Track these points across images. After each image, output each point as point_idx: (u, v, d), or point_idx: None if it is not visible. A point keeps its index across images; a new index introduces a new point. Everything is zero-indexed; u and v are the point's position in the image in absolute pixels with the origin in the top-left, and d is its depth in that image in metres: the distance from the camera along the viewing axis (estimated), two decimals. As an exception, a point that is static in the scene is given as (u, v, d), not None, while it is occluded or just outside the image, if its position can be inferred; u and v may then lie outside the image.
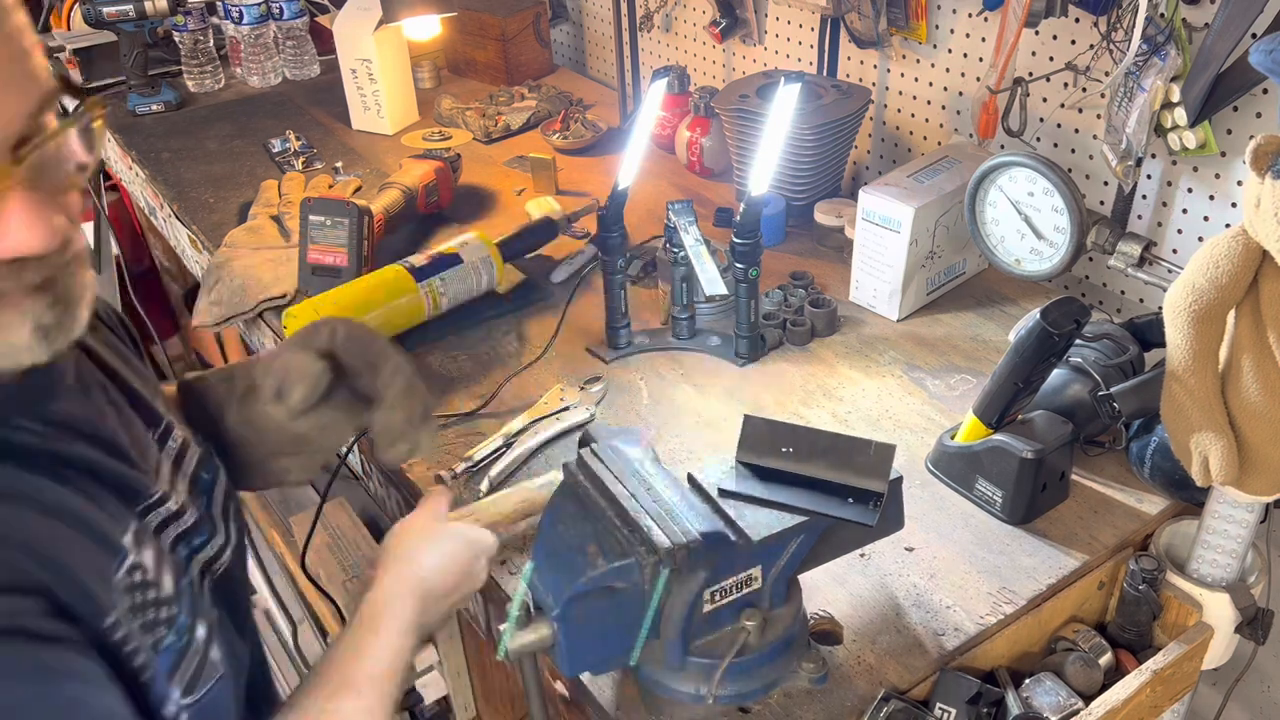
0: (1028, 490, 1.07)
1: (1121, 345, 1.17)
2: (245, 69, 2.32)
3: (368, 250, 1.50)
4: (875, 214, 1.38)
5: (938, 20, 1.57)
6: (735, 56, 1.99)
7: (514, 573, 1.07)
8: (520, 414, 1.26)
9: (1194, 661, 1.06)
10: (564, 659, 0.84)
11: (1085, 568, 1.06)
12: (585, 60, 2.42)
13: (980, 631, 0.99)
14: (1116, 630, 1.09)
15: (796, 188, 1.64)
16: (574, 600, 0.81)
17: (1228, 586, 1.05)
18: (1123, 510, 1.12)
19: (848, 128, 1.61)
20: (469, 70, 2.35)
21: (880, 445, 0.88)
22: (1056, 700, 0.99)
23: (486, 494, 1.16)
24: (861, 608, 1.01)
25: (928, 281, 1.44)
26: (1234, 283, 0.90)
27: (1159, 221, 1.39)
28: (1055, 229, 1.31)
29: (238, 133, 2.07)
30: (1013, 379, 1.05)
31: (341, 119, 2.12)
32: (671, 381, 1.34)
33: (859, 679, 0.95)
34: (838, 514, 0.85)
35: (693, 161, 1.85)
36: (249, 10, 2.23)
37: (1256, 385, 0.91)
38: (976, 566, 1.05)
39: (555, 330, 1.39)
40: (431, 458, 1.22)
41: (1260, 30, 1.14)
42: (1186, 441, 0.96)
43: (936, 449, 1.16)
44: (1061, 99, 1.41)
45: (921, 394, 1.30)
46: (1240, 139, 1.26)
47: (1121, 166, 1.30)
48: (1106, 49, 1.29)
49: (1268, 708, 1.54)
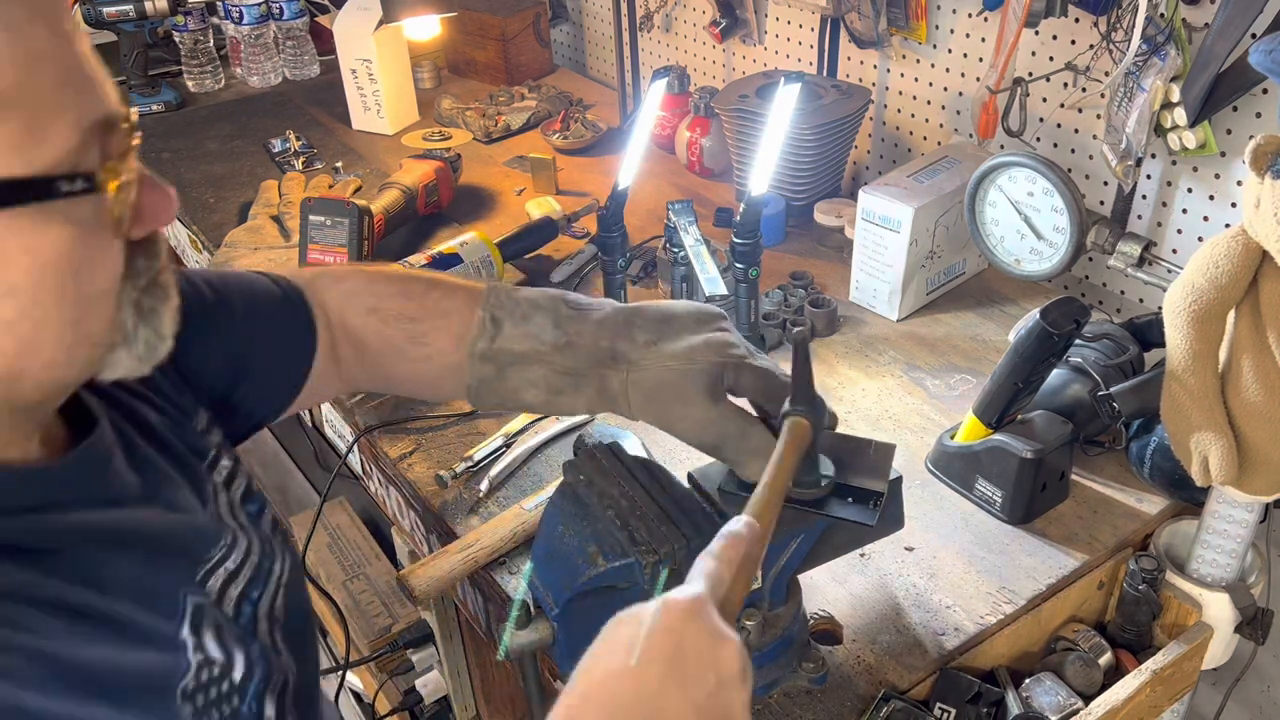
0: (1027, 490, 1.07)
1: (1121, 345, 1.17)
2: (245, 69, 2.32)
3: (368, 250, 1.50)
4: (875, 214, 1.38)
5: (938, 20, 1.57)
6: (735, 56, 1.99)
7: (514, 573, 1.07)
8: (520, 414, 1.26)
9: (1194, 661, 1.06)
10: (564, 659, 0.84)
11: (1085, 567, 1.06)
12: (585, 60, 2.42)
13: (980, 631, 0.99)
14: (1116, 630, 1.09)
15: (796, 188, 1.64)
16: (574, 600, 0.81)
17: (1227, 586, 1.05)
18: (1122, 510, 1.12)
19: (848, 128, 1.62)
20: (469, 70, 2.35)
21: (880, 445, 0.88)
22: (1056, 700, 0.99)
23: (486, 494, 1.16)
24: (861, 607, 1.01)
25: (927, 281, 1.44)
26: (1234, 283, 0.90)
27: (1159, 221, 1.39)
28: (1055, 229, 1.31)
29: (238, 133, 2.07)
30: (1012, 379, 1.05)
31: (342, 119, 2.12)
32: (671, 381, 1.33)
33: (859, 679, 0.95)
34: (838, 514, 0.85)
35: (693, 161, 1.85)
36: (249, 10, 2.23)
37: (1256, 385, 0.91)
38: (976, 566, 1.05)
39: (555, 330, 1.39)
40: (431, 458, 1.22)
41: (1260, 30, 1.13)
42: (1186, 441, 0.96)
43: (936, 449, 1.17)
44: (1061, 99, 1.41)
45: (921, 394, 1.30)
46: (1240, 139, 1.26)
47: (1121, 166, 1.30)
48: (1106, 49, 1.29)
49: (1268, 708, 1.54)
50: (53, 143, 0.52)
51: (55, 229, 0.53)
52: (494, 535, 1.08)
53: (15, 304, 0.53)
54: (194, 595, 0.66)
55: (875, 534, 0.94)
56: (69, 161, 0.53)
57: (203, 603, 0.67)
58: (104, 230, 0.56)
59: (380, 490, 1.34)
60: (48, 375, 0.57)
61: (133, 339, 0.61)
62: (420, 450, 1.24)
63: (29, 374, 0.56)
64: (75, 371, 0.60)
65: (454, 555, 1.05)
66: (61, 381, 0.60)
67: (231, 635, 0.68)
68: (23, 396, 0.58)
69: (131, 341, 0.61)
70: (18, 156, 0.50)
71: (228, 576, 0.71)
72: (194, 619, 0.65)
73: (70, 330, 0.56)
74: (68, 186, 0.52)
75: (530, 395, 0.85)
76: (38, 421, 0.62)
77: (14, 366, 0.55)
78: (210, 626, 0.66)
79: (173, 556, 0.67)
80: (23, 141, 0.51)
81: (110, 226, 0.56)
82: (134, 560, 0.63)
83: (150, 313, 0.61)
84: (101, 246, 0.56)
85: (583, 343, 0.83)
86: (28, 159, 0.51)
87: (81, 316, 0.56)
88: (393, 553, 1.72)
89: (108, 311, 0.59)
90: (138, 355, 0.61)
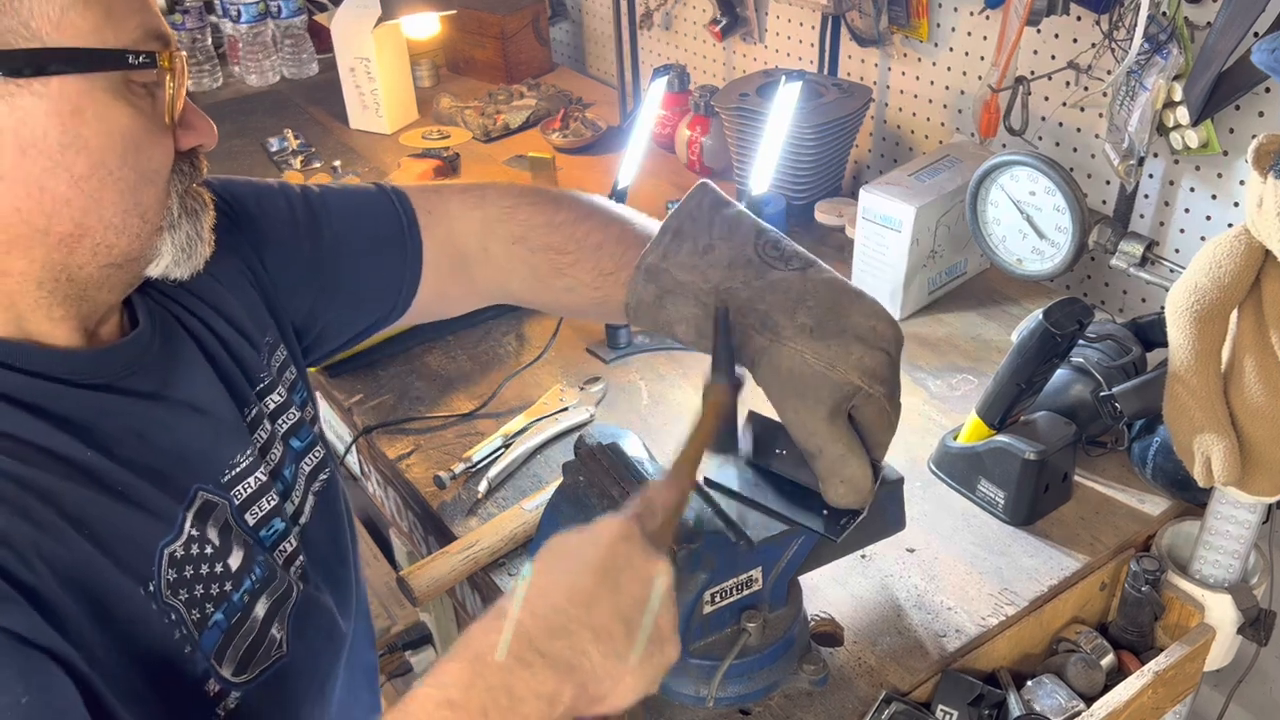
0: (1030, 491, 1.07)
1: (1124, 346, 1.16)
2: (243, 67, 2.32)
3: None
4: (876, 213, 1.38)
5: (939, 19, 1.57)
6: (735, 55, 1.99)
7: (513, 574, 1.06)
8: (519, 414, 1.25)
9: (1196, 663, 1.06)
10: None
11: (1087, 568, 1.05)
12: (585, 59, 2.42)
13: (982, 633, 0.99)
14: (1118, 631, 1.08)
15: (797, 187, 1.63)
16: (574, 602, 0.81)
17: (1230, 587, 1.05)
18: (1124, 511, 1.11)
19: (848, 127, 1.61)
20: (468, 69, 2.34)
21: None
22: (1058, 701, 0.98)
23: (485, 495, 1.15)
24: (862, 609, 1.01)
25: (929, 281, 1.44)
26: (1236, 282, 0.89)
27: (1161, 221, 1.39)
28: (1057, 228, 1.31)
29: (236, 132, 2.07)
30: (1015, 380, 1.04)
31: (340, 118, 2.11)
32: (671, 381, 1.33)
33: (860, 681, 0.94)
34: (806, 523, 0.82)
35: (693, 160, 1.84)
36: (247, 9, 2.23)
37: (1259, 385, 0.91)
38: (978, 568, 1.05)
39: (555, 330, 1.39)
40: (430, 458, 1.22)
41: (1262, 29, 1.13)
42: (1189, 442, 0.95)
43: (939, 449, 1.16)
44: (1063, 98, 1.41)
45: (922, 394, 1.29)
46: (1242, 138, 1.25)
47: (1123, 165, 1.29)
48: (1108, 48, 1.29)
49: (1270, 709, 1.53)
50: (125, 29, 0.66)
51: (123, 106, 0.66)
52: (495, 536, 1.07)
53: (88, 160, 0.65)
54: (207, 491, 0.74)
55: (876, 535, 0.94)
56: (137, 45, 0.66)
57: (216, 501, 0.75)
58: (159, 121, 0.69)
59: (379, 491, 1.33)
60: (104, 239, 0.68)
61: (176, 226, 0.71)
62: (419, 451, 1.23)
63: (90, 234, 0.67)
64: (126, 242, 0.69)
65: (455, 555, 1.05)
66: (115, 250, 0.69)
67: (238, 536, 0.75)
68: (80, 266, 0.68)
69: (175, 228, 0.71)
70: (97, 36, 0.64)
71: (250, 494, 0.78)
72: (201, 509, 0.73)
73: (128, 195, 0.68)
74: (134, 60, 0.66)
75: (681, 330, 0.82)
76: (87, 313, 0.71)
77: (80, 223, 0.66)
78: (216, 521, 0.74)
79: (188, 454, 0.74)
80: (102, 25, 0.64)
81: (164, 120, 0.69)
82: (150, 447, 0.72)
83: (192, 212, 0.73)
84: (158, 133, 0.69)
85: (743, 295, 0.79)
86: (105, 38, 0.65)
87: (138, 185, 0.68)
88: (391, 554, 1.72)
89: (159, 191, 0.70)
90: (180, 245, 0.72)
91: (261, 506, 0.79)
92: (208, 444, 0.76)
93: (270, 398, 0.85)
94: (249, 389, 0.83)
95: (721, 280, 0.79)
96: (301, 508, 0.86)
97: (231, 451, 0.78)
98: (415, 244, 0.92)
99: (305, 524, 0.85)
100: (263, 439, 0.82)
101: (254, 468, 0.79)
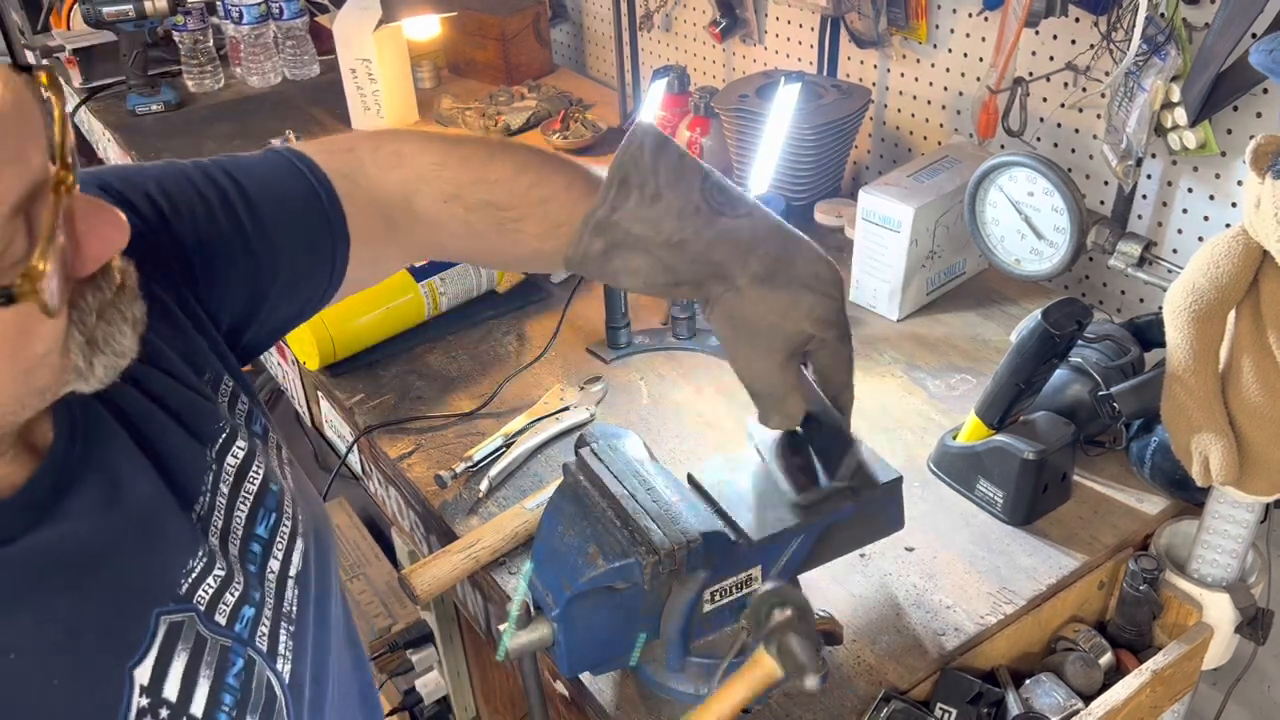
0: (1029, 491, 1.07)
1: (1123, 346, 1.17)
2: (245, 69, 2.32)
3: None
4: (875, 214, 1.38)
5: (938, 20, 1.57)
6: (735, 56, 1.99)
7: (514, 573, 1.07)
8: (520, 414, 1.26)
9: (1194, 661, 1.06)
10: (564, 659, 0.84)
11: (1085, 568, 1.06)
12: (585, 60, 2.42)
13: (980, 631, 0.99)
14: (1117, 630, 1.09)
15: (796, 188, 1.64)
16: (574, 600, 0.81)
17: (1228, 586, 1.05)
18: (1123, 510, 1.12)
19: (848, 127, 1.61)
20: (469, 70, 2.34)
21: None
22: (1057, 700, 0.99)
23: (486, 494, 1.16)
24: (861, 608, 1.01)
25: (928, 281, 1.44)
26: (1234, 283, 0.89)
27: (1159, 221, 1.39)
28: (1055, 229, 1.31)
29: (237, 133, 2.07)
30: (1014, 380, 1.05)
31: (341, 119, 2.12)
32: (672, 381, 1.34)
33: (859, 679, 0.95)
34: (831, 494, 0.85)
35: (693, 161, 1.84)
36: (249, 10, 2.23)
37: (1257, 385, 0.91)
38: (976, 566, 1.05)
39: (555, 330, 1.39)
40: (431, 458, 1.22)
41: (1260, 30, 1.13)
42: (1187, 441, 0.96)
43: (938, 449, 1.16)
44: (1062, 99, 1.41)
45: (921, 394, 1.30)
46: (1240, 139, 1.25)
47: (1122, 166, 1.30)
48: (1107, 49, 1.29)
49: (1268, 708, 1.54)
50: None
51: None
52: (496, 535, 1.07)
53: None
54: (169, 613, 0.66)
55: (875, 534, 0.94)
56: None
57: (180, 619, 0.67)
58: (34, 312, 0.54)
59: (380, 490, 1.34)
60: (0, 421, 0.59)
61: (88, 373, 0.60)
62: (420, 450, 1.24)
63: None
64: (29, 413, 0.61)
65: (456, 554, 1.05)
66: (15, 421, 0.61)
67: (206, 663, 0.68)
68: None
69: (87, 375, 0.61)
70: None
71: (214, 592, 0.70)
72: (167, 635, 0.66)
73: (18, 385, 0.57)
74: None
75: (626, 280, 0.82)
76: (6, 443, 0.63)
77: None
78: (185, 641, 0.67)
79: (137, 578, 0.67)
80: None
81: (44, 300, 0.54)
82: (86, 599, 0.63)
83: (106, 340, 0.60)
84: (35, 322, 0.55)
85: (696, 248, 0.79)
86: None
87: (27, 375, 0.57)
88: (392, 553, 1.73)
89: (54, 364, 0.59)
90: (98, 380, 0.61)
91: (227, 601, 0.70)
92: (156, 561, 0.68)
93: (230, 454, 0.75)
94: (203, 465, 0.73)
95: (673, 232, 0.79)
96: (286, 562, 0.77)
97: (184, 559, 0.68)
98: (338, 216, 0.83)
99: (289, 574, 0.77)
100: (219, 526, 0.73)
101: (211, 565, 0.70)
